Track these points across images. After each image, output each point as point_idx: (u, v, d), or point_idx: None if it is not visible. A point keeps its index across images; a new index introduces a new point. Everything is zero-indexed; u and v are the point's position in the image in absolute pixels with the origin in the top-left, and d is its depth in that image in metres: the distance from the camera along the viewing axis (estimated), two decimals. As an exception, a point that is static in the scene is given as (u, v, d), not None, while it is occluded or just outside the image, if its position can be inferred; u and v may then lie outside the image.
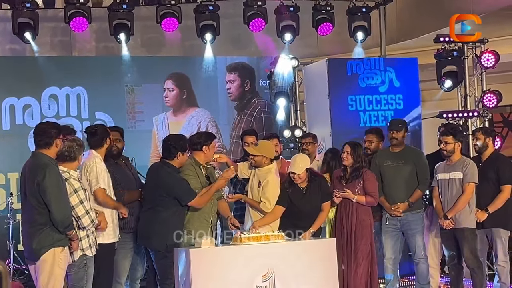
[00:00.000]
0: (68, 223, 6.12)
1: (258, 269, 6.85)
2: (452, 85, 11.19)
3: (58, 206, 6.02)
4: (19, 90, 10.63)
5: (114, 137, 7.49)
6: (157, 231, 6.95)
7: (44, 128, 6.24)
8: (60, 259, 6.10)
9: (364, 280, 7.58)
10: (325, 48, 12.49)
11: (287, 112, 11.47)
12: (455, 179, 7.90)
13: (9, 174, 10.33)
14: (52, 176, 6.03)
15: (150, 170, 7.36)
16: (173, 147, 7.12)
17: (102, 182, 6.76)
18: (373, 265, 7.69)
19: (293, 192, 7.55)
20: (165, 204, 6.98)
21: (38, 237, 6.05)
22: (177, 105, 11.36)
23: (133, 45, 11.58)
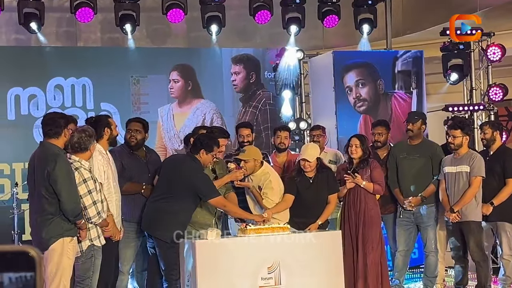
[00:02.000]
0: (78, 212, 6.12)
1: (264, 260, 6.85)
2: (458, 79, 11.17)
3: (68, 195, 6.03)
4: (24, 80, 10.61)
5: (134, 127, 7.50)
6: (166, 222, 6.93)
7: (53, 117, 6.24)
8: (68, 249, 6.10)
9: (374, 269, 7.58)
10: (330, 40, 12.47)
11: (292, 104, 11.45)
12: (462, 173, 7.89)
13: (14, 164, 10.32)
14: (62, 165, 6.03)
15: (171, 161, 7.33)
16: (199, 142, 7.09)
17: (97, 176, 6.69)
18: (383, 254, 7.70)
19: (300, 181, 7.57)
20: (180, 197, 6.94)
21: (47, 226, 6.05)
22: (182, 97, 11.34)
23: (138, 36, 11.56)
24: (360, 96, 10.50)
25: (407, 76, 10.78)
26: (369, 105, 10.62)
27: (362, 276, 7.56)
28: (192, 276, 6.68)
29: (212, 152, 7.06)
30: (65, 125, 6.19)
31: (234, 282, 6.75)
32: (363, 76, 10.66)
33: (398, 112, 10.54)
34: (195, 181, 6.95)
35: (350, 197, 7.73)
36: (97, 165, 6.70)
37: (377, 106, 10.66)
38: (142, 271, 7.69)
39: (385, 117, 10.31)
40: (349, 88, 10.53)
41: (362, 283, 7.56)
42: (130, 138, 7.46)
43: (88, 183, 6.28)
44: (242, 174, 7.34)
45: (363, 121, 10.54)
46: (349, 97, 10.50)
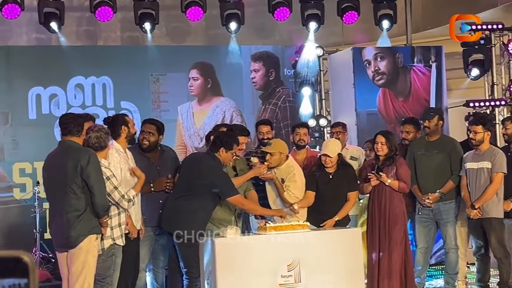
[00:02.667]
0: (108, 207, 6.21)
1: (283, 258, 6.84)
2: (479, 74, 11.08)
3: (100, 189, 6.11)
4: (45, 79, 10.68)
5: (147, 129, 7.45)
6: (186, 220, 6.94)
7: (74, 116, 6.33)
8: (94, 246, 6.15)
9: (398, 268, 7.54)
10: (350, 36, 12.42)
11: (312, 101, 11.43)
12: (483, 169, 7.82)
13: (35, 163, 10.39)
14: (95, 160, 6.11)
15: (191, 159, 7.34)
16: (219, 141, 7.09)
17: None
18: (407, 252, 7.65)
19: (319, 177, 7.57)
20: (200, 195, 6.94)
21: (76, 225, 6.07)
22: (202, 94, 11.35)
23: (158, 34, 11.60)
24: (378, 70, 10.49)
25: (426, 50, 10.73)
26: (388, 78, 10.60)
27: (386, 276, 7.53)
28: (212, 274, 6.69)
29: (232, 150, 7.06)
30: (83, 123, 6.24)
31: (253, 280, 6.75)
32: (381, 50, 10.66)
33: (417, 85, 10.50)
34: (214, 180, 6.95)
35: (374, 195, 7.69)
36: (113, 162, 6.71)
37: (396, 79, 10.64)
38: (159, 269, 7.71)
39: (404, 90, 10.29)
40: (367, 61, 10.51)
41: (387, 283, 7.53)
42: (142, 140, 7.42)
43: (112, 180, 6.34)
44: (265, 169, 7.34)
45: (382, 95, 10.52)
46: (368, 71, 10.48)
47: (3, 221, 10.22)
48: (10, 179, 10.45)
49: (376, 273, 7.56)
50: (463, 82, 11.82)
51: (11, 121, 10.55)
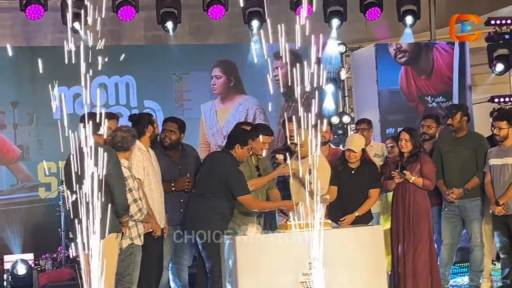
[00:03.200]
0: (127, 206, 6.23)
1: (305, 256, 6.81)
2: (504, 69, 10.99)
3: (120, 189, 6.14)
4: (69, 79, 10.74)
5: (169, 128, 7.49)
6: (204, 216, 6.96)
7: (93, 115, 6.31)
8: (113, 245, 6.17)
9: (424, 265, 7.50)
10: (373, 33, 12.36)
11: (335, 98, 11.39)
12: (507, 165, 7.74)
13: (60, 163, 10.46)
14: (116, 160, 6.13)
15: (208, 159, 7.36)
16: (234, 138, 7.12)
17: (136, 173, 6.72)
18: (432, 249, 7.60)
19: (342, 171, 7.58)
20: (217, 192, 6.97)
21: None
22: (224, 93, 11.38)
23: (181, 33, 11.62)
24: (400, 48, 10.43)
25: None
26: (410, 56, 10.53)
27: (412, 274, 7.48)
28: (233, 273, 6.69)
29: (247, 146, 7.08)
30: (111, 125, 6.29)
31: (275, 278, 6.73)
32: None
33: (440, 63, 10.43)
34: (228, 176, 6.97)
35: (399, 192, 7.65)
36: (136, 161, 6.74)
37: (418, 57, 10.58)
38: (182, 267, 7.73)
39: (426, 68, 10.22)
40: None
41: (412, 281, 7.49)
42: (164, 138, 7.46)
43: (128, 182, 6.35)
44: (288, 170, 7.31)
45: (404, 73, 10.47)
46: (390, 49, 10.43)
47: (29, 220, 10.33)
48: (35, 178, 10.56)
49: (402, 271, 7.51)
50: (487, 78, 11.71)
51: (36, 121, 10.65)
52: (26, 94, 10.65)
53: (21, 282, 8.52)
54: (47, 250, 9.72)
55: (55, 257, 9.51)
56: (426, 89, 10.63)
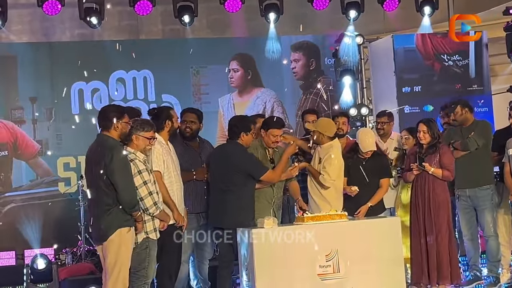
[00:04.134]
0: (135, 203, 6.21)
1: (321, 248, 6.82)
2: (523, 58, 10.88)
3: (125, 186, 6.11)
4: (87, 74, 10.82)
5: (189, 118, 7.57)
6: (229, 209, 6.99)
7: (105, 110, 6.34)
8: (126, 239, 6.18)
9: (444, 256, 7.48)
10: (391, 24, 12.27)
11: (353, 90, 11.35)
12: (525, 154, 7.72)
13: (79, 157, 10.54)
14: (119, 157, 6.12)
15: (217, 151, 7.39)
16: (235, 127, 7.16)
17: (156, 166, 6.76)
18: (451, 240, 7.58)
19: (353, 162, 7.62)
20: (237, 183, 7.00)
21: (105, 218, 6.14)
22: (242, 86, 11.38)
23: (198, 26, 11.62)
24: None
25: None
26: None
27: (436, 265, 7.48)
28: (250, 265, 6.70)
29: (251, 131, 7.13)
30: (117, 117, 6.24)
31: (292, 270, 6.74)
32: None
33: None
34: (244, 163, 7.03)
35: (418, 183, 7.64)
36: (156, 154, 6.77)
37: None
38: (203, 260, 7.75)
39: None
40: None
41: (437, 273, 7.48)
42: (185, 129, 7.54)
43: (143, 174, 6.35)
44: (295, 148, 7.35)
45: None
46: None
47: (49, 215, 10.40)
48: (54, 173, 10.63)
49: (425, 262, 7.49)
50: (507, 68, 11.61)
51: (54, 116, 10.72)
52: (45, 90, 10.72)
53: (41, 276, 8.57)
54: (67, 244, 9.79)
55: (75, 251, 9.57)
56: (442, 48, 10.61)
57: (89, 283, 8.25)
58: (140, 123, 6.52)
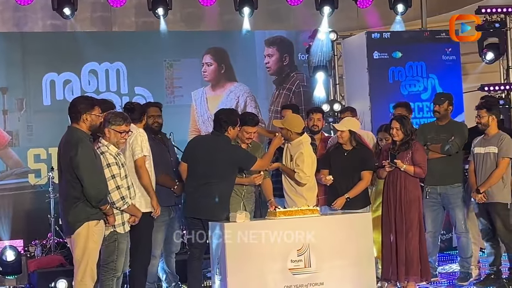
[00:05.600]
0: (101, 197, 6.13)
1: (293, 243, 6.84)
2: (494, 58, 10.99)
3: (91, 180, 6.04)
4: (59, 65, 10.73)
5: (156, 113, 7.57)
6: (218, 202, 6.99)
7: (74, 102, 6.24)
8: (94, 232, 6.13)
9: (414, 252, 7.54)
10: (364, 21, 12.34)
11: (326, 86, 11.39)
12: (489, 153, 7.83)
13: (50, 149, 10.45)
14: (84, 150, 6.04)
15: (202, 143, 7.36)
16: (223, 121, 7.13)
17: (146, 151, 6.77)
18: (421, 237, 7.64)
19: (334, 153, 7.66)
20: (221, 176, 7.01)
21: (72, 211, 6.10)
22: (215, 80, 11.36)
23: (172, 19, 11.60)
24: None
25: None
26: None
27: (404, 261, 7.52)
28: (221, 259, 6.70)
29: (237, 125, 7.15)
30: (86, 109, 6.14)
31: (263, 264, 6.76)
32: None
33: None
34: (237, 155, 7.09)
35: (390, 179, 7.67)
36: (143, 139, 6.79)
37: None
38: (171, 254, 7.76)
39: None
40: None
41: (405, 268, 7.52)
42: (153, 123, 7.51)
43: (112, 168, 6.30)
44: (281, 140, 7.41)
45: None
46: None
47: (18, 206, 10.31)
48: (25, 164, 10.53)
49: (394, 258, 7.55)
50: (478, 66, 11.72)
51: (26, 107, 10.62)
52: (16, 80, 10.60)
53: (10, 268, 8.51)
54: (36, 236, 9.70)
55: (45, 244, 9.50)
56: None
57: (58, 275, 8.20)
58: (112, 116, 6.43)
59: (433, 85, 10.73)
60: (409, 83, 10.65)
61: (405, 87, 10.62)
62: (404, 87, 10.62)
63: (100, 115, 6.26)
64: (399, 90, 10.59)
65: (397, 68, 10.61)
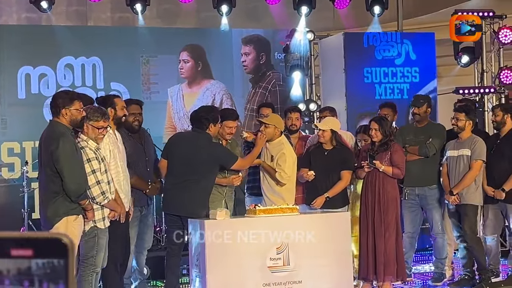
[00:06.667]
0: (81, 192, 6.10)
1: (272, 241, 6.87)
2: (469, 61, 11.10)
3: (71, 175, 6.01)
4: (35, 59, 10.63)
5: (137, 111, 7.49)
6: (199, 199, 6.99)
7: (55, 97, 6.21)
8: (73, 227, 6.09)
9: (391, 253, 7.61)
10: (341, 22, 12.41)
11: (302, 86, 11.43)
12: (463, 156, 7.92)
13: (24, 143, 10.36)
14: (65, 145, 6.00)
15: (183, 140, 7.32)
16: (204, 118, 7.10)
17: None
18: (398, 237, 7.71)
19: (315, 152, 7.68)
20: (201, 173, 6.99)
21: (51, 205, 6.06)
22: (192, 77, 11.33)
23: (148, 16, 11.54)
24: None
25: None
26: None
27: (382, 261, 7.58)
28: (201, 256, 6.70)
29: (218, 122, 7.13)
30: (65, 104, 6.08)
31: (243, 262, 6.78)
32: None
33: None
34: (217, 153, 7.06)
35: (368, 179, 7.74)
36: (103, 144, 6.67)
37: None
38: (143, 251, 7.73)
39: None
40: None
41: (383, 268, 7.59)
42: (133, 122, 7.44)
43: (92, 163, 6.26)
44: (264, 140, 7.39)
45: None
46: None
47: (-9, 200, 10.20)
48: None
49: (371, 258, 7.60)
50: (453, 69, 11.84)
51: (0, 101, 10.51)
52: (-10, 73, 10.49)
53: (-17, 262, 8.41)
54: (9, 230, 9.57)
55: (18, 238, 9.40)
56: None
57: (33, 270, 8.12)
58: (90, 111, 6.37)
59: (407, 51, 10.77)
60: (384, 48, 10.68)
61: (380, 52, 10.65)
62: (378, 52, 10.65)
63: (81, 110, 6.20)
64: (374, 55, 10.61)
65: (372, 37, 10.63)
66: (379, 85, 10.56)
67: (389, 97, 10.43)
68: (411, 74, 10.69)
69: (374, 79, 10.56)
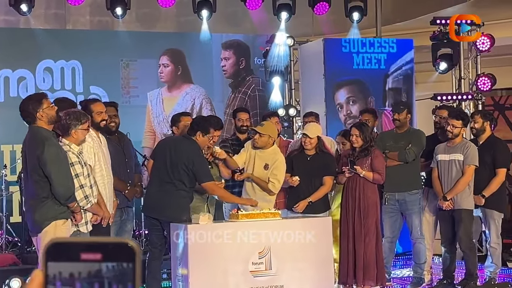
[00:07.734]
0: (69, 195, 6.10)
1: (255, 246, 6.90)
2: (447, 68, 11.22)
3: (59, 178, 6.00)
4: (13, 62, 10.58)
5: (112, 112, 7.48)
6: (179, 204, 6.98)
7: (23, 105, 6.12)
8: (61, 231, 6.07)
9: (371, 257, 7.66)
10: (320, 27, 12.48)
11: (282, 91, 11.48)
12: (455, 161, 7.96)
13: (2, 146, 10.31)
14: (51, 148, 5.98)
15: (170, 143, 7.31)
16: (195, 125, 7.14)
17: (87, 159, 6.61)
18: (378, 243, 7.77)
19: (297, 157, 7.70)
20: (185, 178, 6.98)
21: (40, 209, 6.04)
22: (171, 81, 11.34)
23: (128, 19, 11.52)
24: (350, 113, 10.51)
25: (398, 93, 10.78)
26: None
27: (362, 266, 7.63)
28: (184, 260, 6.71)
29: (209, 134, 7.11)
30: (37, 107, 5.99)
31: (225, 266, 6.80)
32: (353, 93, 10.61)
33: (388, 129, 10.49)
34: (195, 163, 6.98)
35: (349, 184, 7.79)
36: (87, 147, 6.66)
37: None
38: None
39: None
40: (340, 105, 10.56)
41: (363, 273, 7.63)
42: (110, 123, 7.41)
43: (75, 167, 6.24)
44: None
45: None
46: (340, 114, 10.54)
47: (-31, 204, 10.09)
48: (-24, 162, 10.33)
49: (351, 263, 7.65)
50: (431, 76, 11.95)
51: (-22, 104, 10.44)
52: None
53: (-39, 266, 8.36)
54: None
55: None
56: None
57: (12, 274, 8.08)
58: (76, 116, 6.34)
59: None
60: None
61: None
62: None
63: (51, 106, 6.14)
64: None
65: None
66: (356, 54, 10.59)
67: (366, 67, 10.47)
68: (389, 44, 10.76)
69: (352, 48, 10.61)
